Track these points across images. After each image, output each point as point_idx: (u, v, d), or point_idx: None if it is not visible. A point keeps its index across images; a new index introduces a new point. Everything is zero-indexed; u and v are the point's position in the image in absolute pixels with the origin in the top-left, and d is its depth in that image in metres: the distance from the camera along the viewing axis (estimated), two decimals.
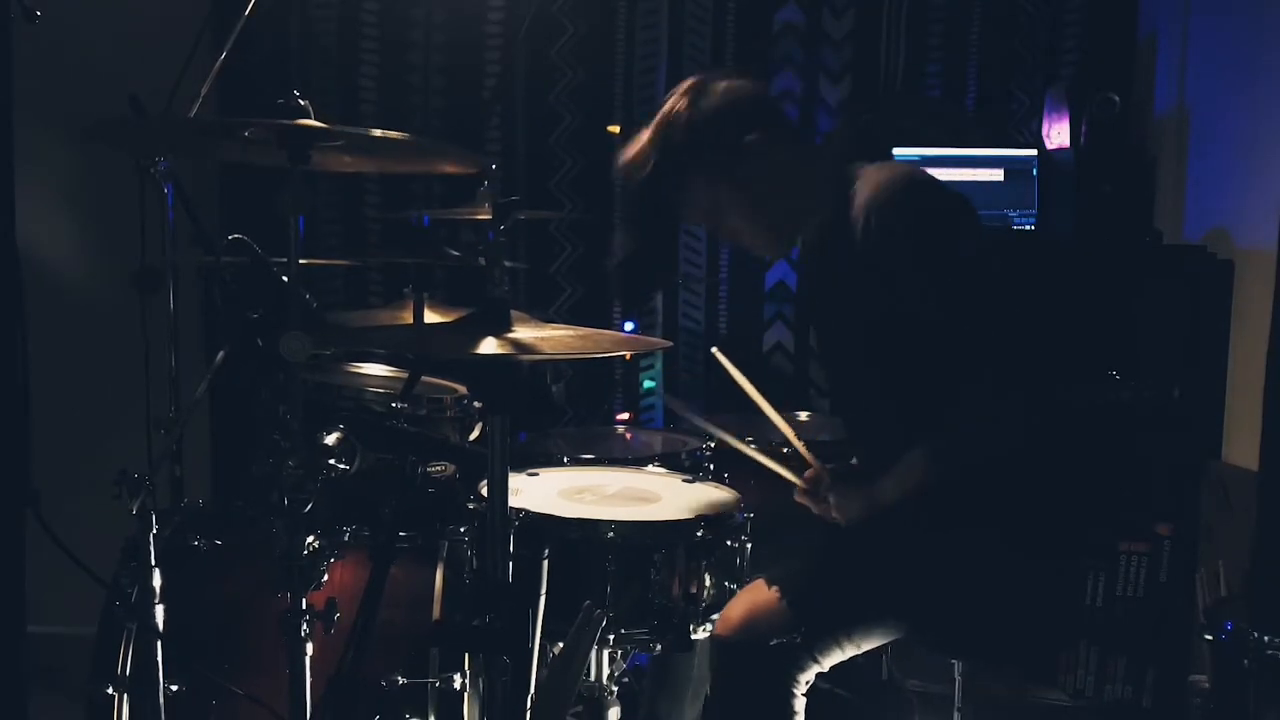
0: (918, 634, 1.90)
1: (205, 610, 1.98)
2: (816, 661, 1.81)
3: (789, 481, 2.02)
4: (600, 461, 2.35)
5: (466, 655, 1.93)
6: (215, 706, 1.92)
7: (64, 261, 3.12)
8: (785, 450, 2.44)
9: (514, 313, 1.58)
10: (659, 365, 3.42)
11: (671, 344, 3.38)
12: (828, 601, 1.83)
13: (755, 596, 1.84)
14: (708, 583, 1.89)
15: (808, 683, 1.82)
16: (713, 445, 2.43)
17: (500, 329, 1.53)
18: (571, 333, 1.67)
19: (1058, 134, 3.13)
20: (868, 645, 1.85)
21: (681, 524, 1.89)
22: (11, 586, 1.91)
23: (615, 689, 2.04)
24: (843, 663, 1.86)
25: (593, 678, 1.99)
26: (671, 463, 2.33)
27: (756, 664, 1.81)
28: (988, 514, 1.83)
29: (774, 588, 1.81)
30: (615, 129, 3.35)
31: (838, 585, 1.85)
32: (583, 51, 3.33)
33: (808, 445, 2.05)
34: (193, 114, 2.18)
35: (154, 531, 1.74)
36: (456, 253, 2.51)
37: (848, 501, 1.90)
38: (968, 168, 3.10)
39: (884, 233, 1.75)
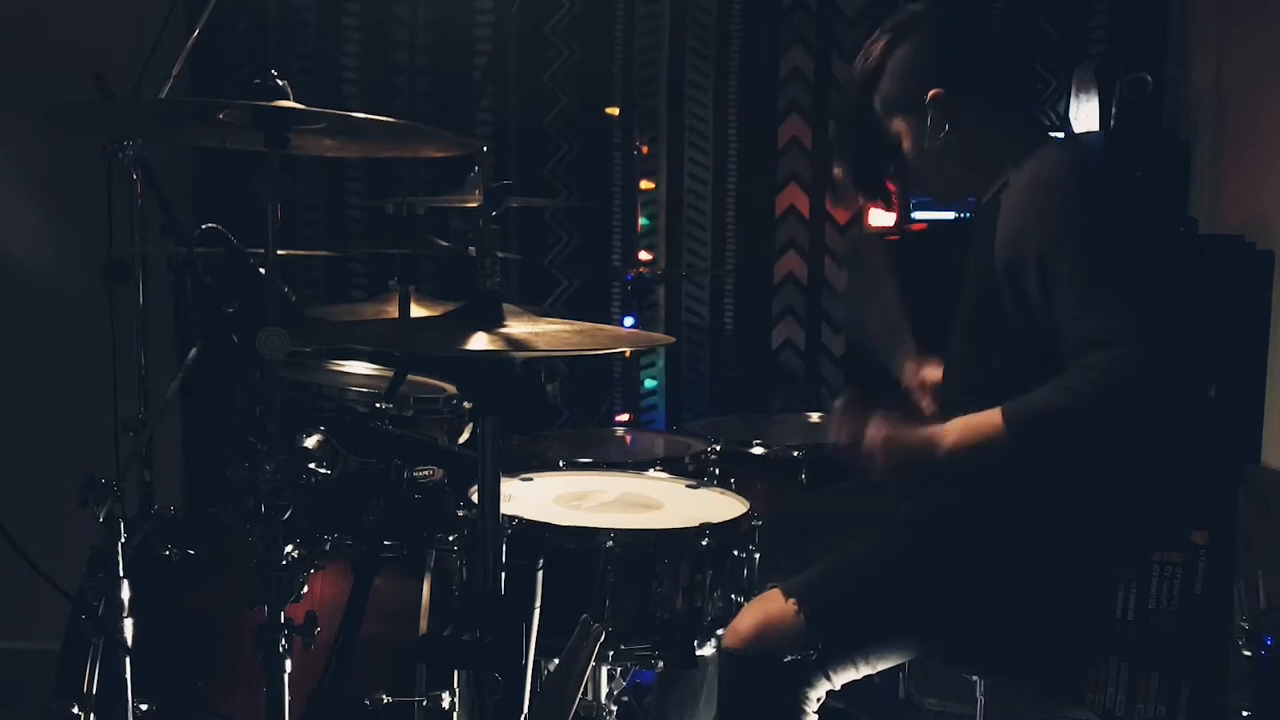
0: (938, 649, 1.90)
1: (177, 624, 1.98)
2: (829, 679, 1.81)
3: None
4: (598, 465, 2.35)
5: (456, 672, 1.93)
6: None
7: (26, 252, 3.12)
8: (796, 453, 2.45)
9: (507, 306, 1.57)
10: (661, 363, 3.42)
11: (674, 339, 3.38)
12: (850, 618, 1.82)
13: (769, 607, 1.83)
14: (713, 595, 1.89)
15: (819, 700, 1.81)
16: (718, 449, 2.43)
17: (492, 323, 1.52)
18: (568, 327, 1.66)
19: (1086, 116, 3.12)
20: (883, 665, 1.85)
21: (685, 532, 1.88)
22: None
23: (614, 708, 2.04)
24: (858, 681, 1.86)
25: (591, 696, 1.99)
26: (674, 467, 2.33)
27: (767, 679, 1.80)
28: (1013, 521, 1.83)
29: (791, 600, 1.80)
30: (614, 111, 3.35)
31: (861, 600, 1.84)
32: (579, 28, 3.33)
33: (818, 448, 2.05)
34: (164, 95, 2.18)
35: (122, 540, 1.73)
36: (445, 242, 2.51)
37: (893, 436, 1.83)
38: None
39: (1039, 209, 1.78)
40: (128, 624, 1.75)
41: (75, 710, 1.89)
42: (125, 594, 1.74)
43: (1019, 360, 1.81)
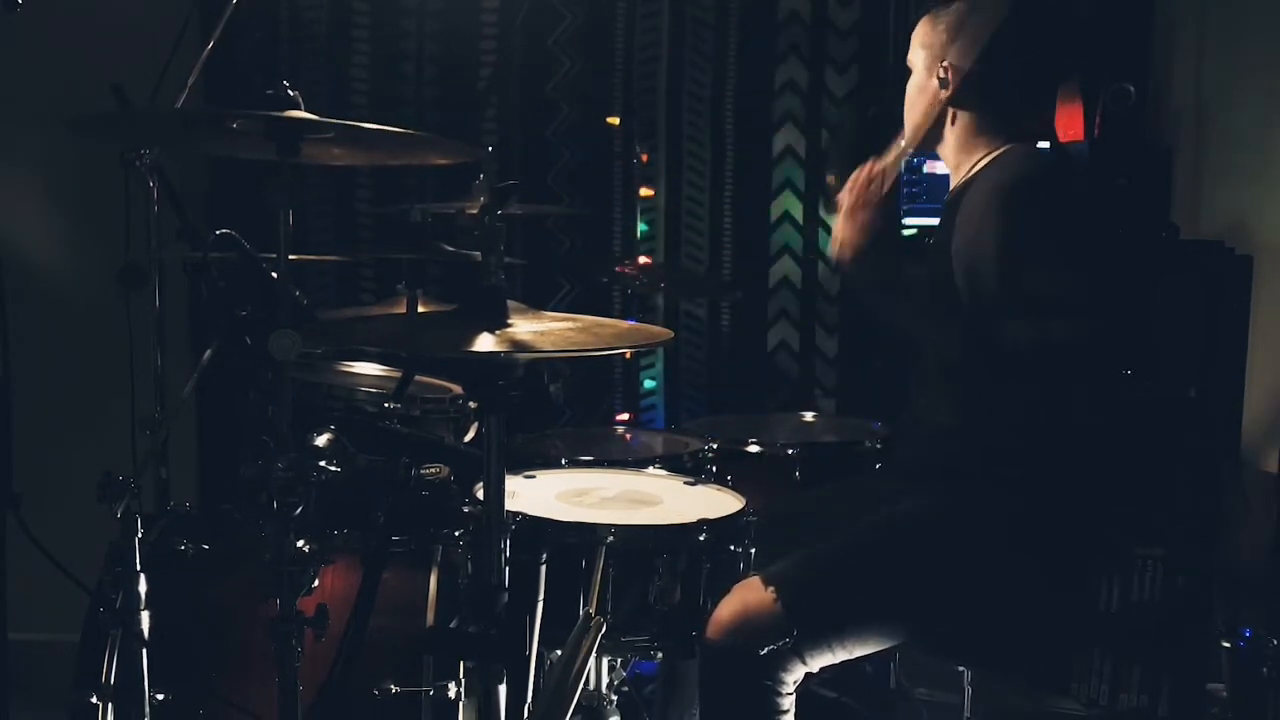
0: (921, 640, 1.90)
1: (192, 617, 1.97)
2: (805, 663, 1.80)
3: None
4: (599, 463, 2.34)
5: (461, 663, 1.93)
6: (203, 716, 1.92)
7: (46, 257, 3.11)
8: (791, 452, 2.45)
9: (511, 303, 1.57)
10: (660, 364, 3.41)
11: (673, 334, 3.37)
12: (823, 603, 1.82)
13: (748, 595, 1.83)
14: (710, 589, 1.88)
15: (795, 682, 1.81)
16: (715, 447, 2.43)
17: (496, 321, 1.52)
18: (571, 324, 1.65)
19: (1071, 126, 3.12)
20: (861, 651, 1.84)
21: (684, 528, 1.88)
22: None
23: (615, 698, 2.03)
24: (850, 670, 1.86)
25: (592, 686, 1.99)
26: (673, 465, 2.32)
27: (743, 670, 1.80)
28: (997, 514, 1.83)
29: (770, 587, 1.80)
30: (614, 121, 3.34)
31: (837, 587, 1.84)
32: (580, 41, 3.33)
33: (811, 446, 2.04)
34: (179, 105, 2.18)
35: (139, 535, 1.73)
36: (451, 247, 2.51)
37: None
38: None
39: (986, 229, 1.82)
40: (144, 616, 1.75)
41: (93, 700, 1.89)
42: (142, 587, 1.75)
43: (973, 347, 1.84)
